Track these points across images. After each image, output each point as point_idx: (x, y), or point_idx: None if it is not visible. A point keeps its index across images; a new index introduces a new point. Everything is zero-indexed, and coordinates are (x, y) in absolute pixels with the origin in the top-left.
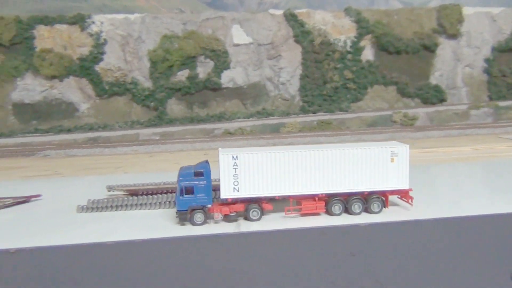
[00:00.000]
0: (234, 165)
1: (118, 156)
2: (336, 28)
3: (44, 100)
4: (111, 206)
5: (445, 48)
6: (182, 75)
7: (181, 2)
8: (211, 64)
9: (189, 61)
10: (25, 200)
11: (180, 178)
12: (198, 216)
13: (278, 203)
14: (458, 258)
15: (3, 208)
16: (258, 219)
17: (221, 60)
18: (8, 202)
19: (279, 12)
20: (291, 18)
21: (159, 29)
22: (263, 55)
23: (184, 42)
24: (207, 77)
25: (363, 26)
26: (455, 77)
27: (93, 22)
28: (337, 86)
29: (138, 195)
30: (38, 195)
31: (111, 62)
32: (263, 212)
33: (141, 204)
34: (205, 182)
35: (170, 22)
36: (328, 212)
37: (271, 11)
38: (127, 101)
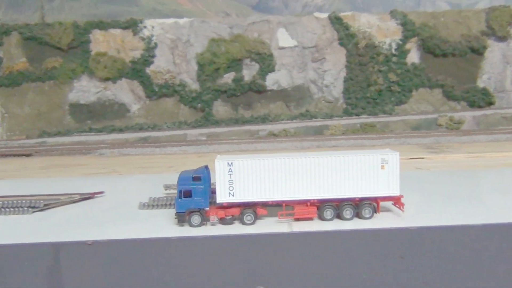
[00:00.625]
0: (229, 171)
1: (168, 156)
2: (381, 30)
3: (98, 101)
4: (170, 204)
5: (494, 50)
6: (228, 78)
7: (227, 5)
8: (256, 66)
9: (235, 64)
10: (90, 196)
11: (179, 182)
12: (195, 218)
13: (273, 208)
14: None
15: (70, 203)
16: (252, 223)
17: (266, 63)
18: (76, 198)
19: (324, 15)
20: (336, 21)
21: (207, 32)
22: (307, 57)
23: (230, 46)
24: (252, 80)
25: (408, 29)
26: (504, 80)
27: (145, 27)
28: (381, 89)
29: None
30: (101, 192)
31: (161, 65)
32: (257, 217)
33: None
34: (202, 186)
35: (218, 26)
36: (320, 217)
37: (316, 14)
38: (175, 103)
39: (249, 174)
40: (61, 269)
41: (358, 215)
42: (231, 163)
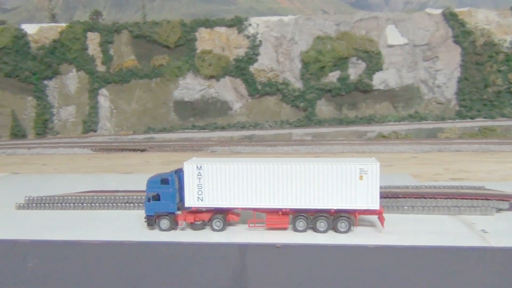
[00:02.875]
0: (198, 175)
1: (281, 156)
2: (502, 27)
3: (201, 98)
4: None
5: None
6: (333, 76)
7: (325, 3)
8: (363, 65)
9: (340, 62)
10: None
11: (148, 185)
12: (164, 222)
13: (246, 215)
14: None
15: None
16: (221, 230)
17: (374, 61)
18: None
19: (437, 11)
20: (450, 17)
21: (312, 30)
22: (418, 56)
23: (336, 43)
24: (358, 79)
25: None
26: None
27: (250, 25)
28: (499, 90)
29: None
30: None
31: (264, 63)
32: (226, 223)
33: None
34: (170, 189)
35: (323, 23)
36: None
37: (428, 10)
38: (277, 101)
39: (219, 178)
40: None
41: (333, 228)
42: (200, 167)
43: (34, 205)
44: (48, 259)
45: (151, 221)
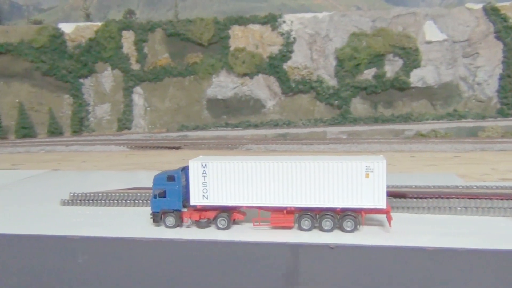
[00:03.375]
0: (203, 173)
1: (318, 154)
2: None
3: (234, 96)
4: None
5: None
6: (368, 74)
7: None
8: (399, 62)
9: (377, 60)
10: None
11: (154, 182)
12: (169, 220)
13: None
14: None
15: None
16: (226, 228)
17: (411, 58)
18: None
19: (478, 6)
20: (492, 12)
21: (348, 27)
22: (458, 52)
23: (372, 40)
24: (395, 76)
25: None
26: None
27: (284, 22)
28: None
29: (406, 198)
30: None
31: (298, 61)
32: (231, 222)
33: (411, 208)
34: (176, 187)
35: (359, 20)
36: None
37: (468, 5)
38: (311, 99)
39: (224, 177)
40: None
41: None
42: (205, 165)
43: (78, 201)
44: (98, 255)
45: (157, 218)
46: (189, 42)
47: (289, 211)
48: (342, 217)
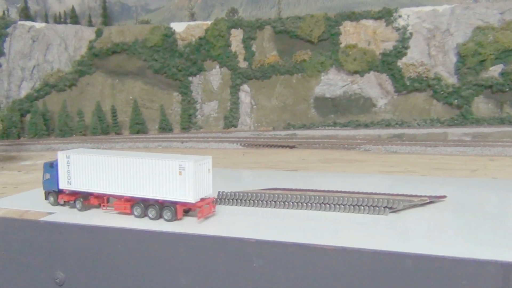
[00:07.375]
0: (67, 163)
1: (447, 157)
2: None
3: (343, 94)
4: None
5: None
6: (494, 71)
7: None
8: None
9: (505, 55)
10: (434, 200)
11: (44, 167)
12: (50, 199)
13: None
14: None
15: (417, 205)
16: (81, 210)
17: None
18: (423, 201)
19: None
20: None
21: (471, 20)
22: None
23: (500, 34)
24: None
25: None
26: None
27: (400, 16)
28: None
29: None
30: (443, 196)
31: (414, 57)
32: (85, 205)
33: None
34: (55, 172)
35: (485, 12)
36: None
37: None
38: (427, 98)
39: (81, 167)
40: None
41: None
42: (69, 156)
43: (227, 200)
44: (273, 259)
45: (46, 196)
46: (298, 39)
47: (126, 199)
48: (162, 208)
